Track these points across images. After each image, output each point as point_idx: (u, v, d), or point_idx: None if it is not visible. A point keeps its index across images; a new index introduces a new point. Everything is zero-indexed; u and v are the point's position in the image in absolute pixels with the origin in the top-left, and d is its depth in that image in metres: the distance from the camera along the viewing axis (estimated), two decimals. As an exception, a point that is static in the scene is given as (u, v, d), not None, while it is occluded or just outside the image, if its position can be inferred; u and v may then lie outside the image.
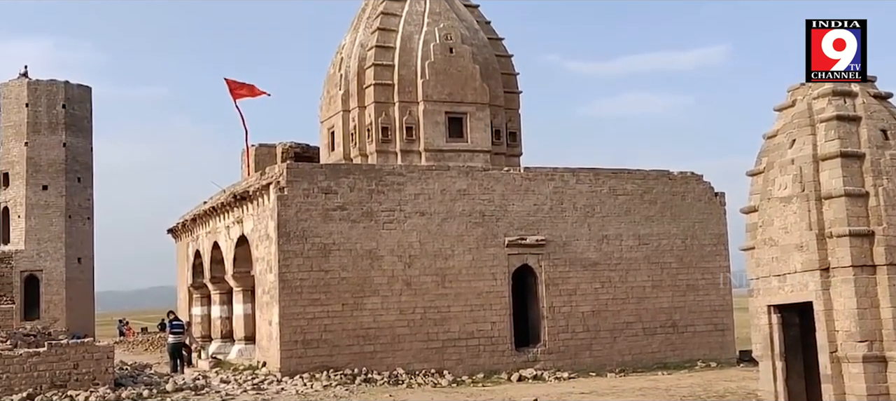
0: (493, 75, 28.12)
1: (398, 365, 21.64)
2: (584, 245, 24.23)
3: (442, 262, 22.72)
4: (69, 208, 50.26)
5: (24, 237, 49.09)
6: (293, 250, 21.47)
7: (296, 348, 21.16)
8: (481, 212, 23.28)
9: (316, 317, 21.44)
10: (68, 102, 50.94)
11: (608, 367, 23.45)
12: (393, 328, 22.02)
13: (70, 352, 17.75)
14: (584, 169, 24.84)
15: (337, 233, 21.86)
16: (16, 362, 17.18)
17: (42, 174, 49.74)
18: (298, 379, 20.20)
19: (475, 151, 27.18)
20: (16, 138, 49.78)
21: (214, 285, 27.81)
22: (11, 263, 48.68)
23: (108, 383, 17.66)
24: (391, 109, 26.92)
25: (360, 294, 21.88)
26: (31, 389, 16.82)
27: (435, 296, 22.51)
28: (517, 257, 23.53)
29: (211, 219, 27.44)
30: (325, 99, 29.26)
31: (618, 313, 24.39)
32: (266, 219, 22.31)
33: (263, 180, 22.54)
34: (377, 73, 26.97)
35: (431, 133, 26.78)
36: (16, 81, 50.73)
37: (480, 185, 23.40)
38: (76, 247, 50.57)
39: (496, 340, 23.00)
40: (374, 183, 22.39)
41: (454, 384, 20.84)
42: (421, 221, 22.65)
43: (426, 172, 23.19)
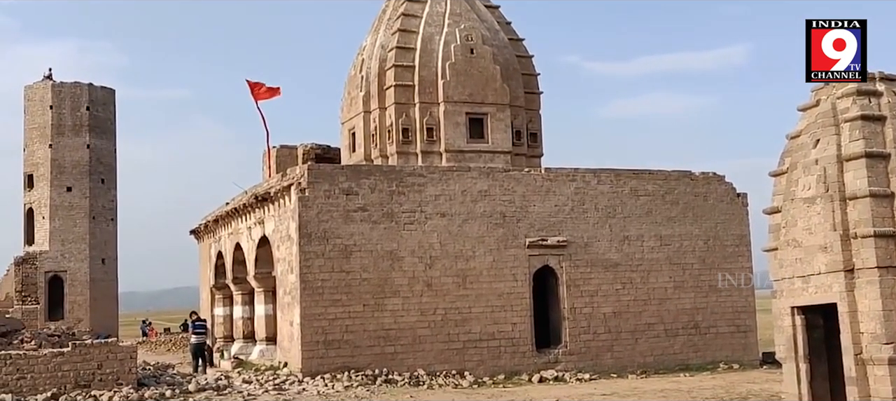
0: (514, 76, 28.09)
1: (419, 366, 21.65)
2: (605, 246, 24.15)
3: (463, 263, 22.71)
4: (93, 210, 50.67)
5: (48, 238, 49.53)
6: (314, 251, 21.54)
7: (317, 349, 21.22)
8: (502, 213, 23.25)
9: (337, 318, 21.49)
10: (92, 104, 51.36)
11: (629, 368, 23.35)
12: (414, 329, 22.04)
13: (94, 352, 17.90)
14: (605, 170, 24.75)
15: (358, 234, 21.91)
16: (40, 362, 17.34)
17: (66, 176, 50.16)
18: (319, 380, 20.26)
19: (496, 151, 27.16)
20: (40, 140, 50.24)
21: (236, 286, 27.95)
22: (36, 263, 49.18)
23: (131, 383, 17.78)
24: (412, 110, 26.95)
25: (381, 295, 21.91)
26: (55, 388, 16.96)
27: (456, 297, 22.51)
28: (538, 258, 23.48)
29: (233, 220, 27.59)
30: (346, 100, 29.33)
31: (639, 315, 24.28)
32: (287, 220, 22.39)
33: (285, 182, 22.62)
34: (398, 75, 27.01)
35: (452, 134, 26.78)
36: (40, 84, 51.21)
37: (501, 186, 23.37)
38: (100, 248, 50.97)
39: (517, 341, 22.96)
40: (395, 184, 22.41)
41: (475, 385, 20.82)
42: (442, 222, 22.65)
43: (447, 173, 23.20)
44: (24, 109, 51.14)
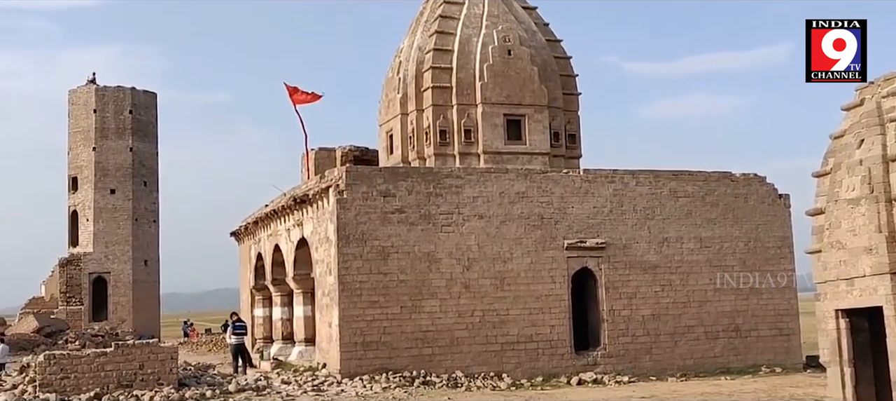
0: (552, 77, 27.98)
1: (457, 368, 21.62)
2: (644, 248, 23.94)
3: (500, 265, 22.65)
4: (136, 212, 51.42)
5: (92, 240, 50.36)
6: (352, 253, 21.61)
7: (355, 350, 21.29)
8: (540, 215, 23.15)
9: (375, 319, 21.55)
10: (134, 108, 52.11)
11: (669, 371, 23.11)
12: (451, 331, 22.02)
13: (136, 352, 18.11)
14: (643, 171, 24.53)
15: (395, 235, 21.94)
16: (83, 362, 17.59)
17: (109, 178, 50.96)
18: (358, 381, 20.32)
19: (534, 153, 27.07)
20: (84, 143, 51.09)
21: (275, 287, 28.15)
22: (80, 265, 50.03)
23: (172, 383, 17.97)
24: (449, 111, 26.96)
25: (419, 297, 21.92)
26: (98, 388, 17.19)
27: (493, 299, 22.45)
28: (576, 260, 23.34)
29: (272, 222, 27.79)
30: (384, 102, 29.42)
31: (679, 317, 24.03)
32: (325, 222, 22.50)
33: (323, 184, 22.74)
34: (435, 76, 27.03)
35: (490, 135, 26.74)
36: (84, 88, 52.07)
37: (539, 187, 23.27)
38: (142, 249, 51.70)
39: (555, 343, 22.84)
40: (433, 186, 22.42)
41: (513, 388, 20.75)
42: (479, 224, 22.62)
43: (484, 175, 23.15)
44: (69, 112, 52.05)
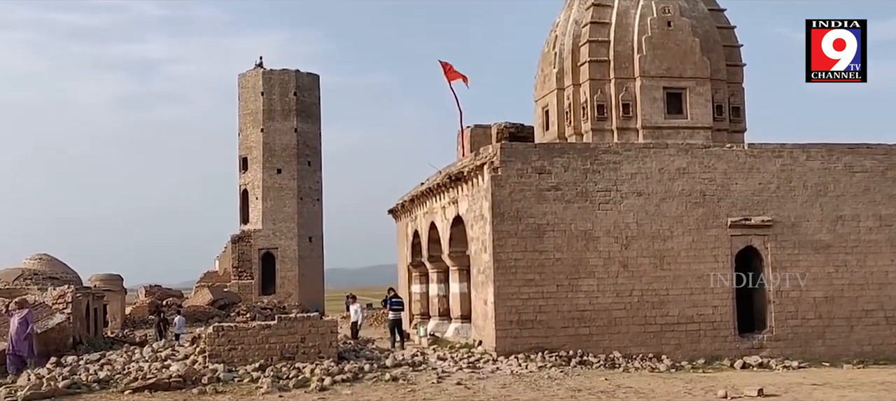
0: (714, 48, 26.82)
1: (614, 348, 21.16)
2: (815, 226, 22.60)
3: (660, 243, 21.95)
4: (300, 190, 53.40)
5: (261, 217, 52.72)
6: (507, 231, 21.49)
7: (511, 328, 21.20)
8: (702, 191, 22.26)
9: (530, 297, 21.37)
10: (299, 90, 54.02)
11: (844, 357, 21.74)
12: (609, 311, 21.57)
13: (298, 326, 18.67)
14: (815, 145, 23.10)
15: (551, 213, 21.65)
16: (249, 334, 18.29)
17: (276, 158, 53.12)
18: (513, 359, 20.23)
19: (695, 127, 26.08)
20: (253, 125, 53.43)
21: (432, 264, 28.46)
22: (250, 241, 52.52)
23: (332, 356, 18.42)
24: (607, 86, 26.35)
25: (575, 276, 21.56)
26: (262, 359, 17.84)
27: (653, 278, 21.80)
28: (741, 239, 22.31)
29: (428, 200, 28.08)
30: (540, 78, 29.09)
31: (855, 300, 22.56)
32: (480, 199, 22.47)
33: (477, 161, 22.70)
34: (592, 50, 26.46)
35: (649, 110, 25.96)
36: (252, 72, 54.40)
37: (701, 163, 22.36)
38: (307, 227, 53.68)
39: (718, 325, 21.96)
40: (589, 162, 21.95)
41: (672, 370, 20.08)
42: (638, 202, 21.99)
43: (643, 151, 22.45)
44: (238, 96, 54.54)
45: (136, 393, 15.95)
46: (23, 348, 18.88)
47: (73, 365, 18.34)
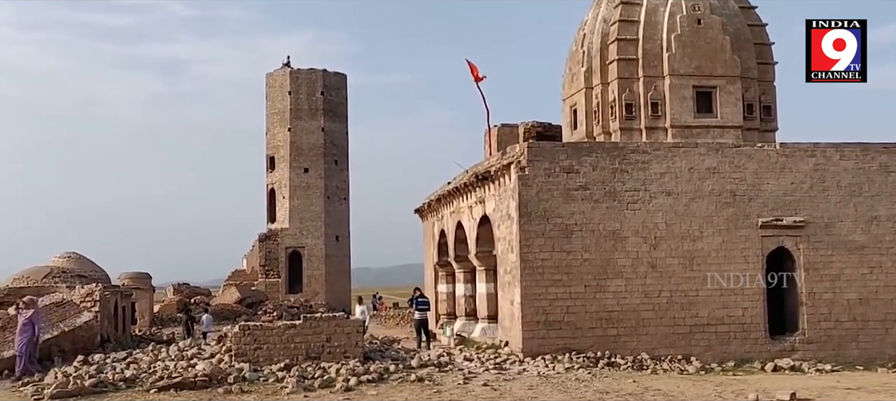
0: (745, 46, 26.46)
1: (643, 350, 20.90)
2: (849, 227, 22.18)
3: (689, 244, 21.65)
4: (327, 189, 53.50)
5: (288, 216, 52.89)
6: (534, 231, 21.29)
7: (538, 329, 21.00)
8: (732, 191, 21.93)
9: (558, 298, 21.16)
10: (326, 89, 54.13)
11: (879, 361, 21.33)
12: (637, 312, 21.30)
13: (323, 326, 18.58)
14: (849, 144, 22.67)
15: (579, 213, 21.43)
16: (275, 334, 18.24)
17: (303, 157, 53.26)
18: (540, 360, 20.03)
19: (725, 126, 25.76)
20: (280, 124, 53.62)
21: (458, 264, 28.30)
22: (277, 240, 52.70)
23: (357, 356, 18.32)
24: (635, 84, 26.09)
25: (603, 276, 21.32)
26: (288, 359, 17.77)
27: (682, 279, 21.51)
28: (772, 239, 21.95)
29: (454, 199, 27.92)
30: (568, 76, 28.86)
31: (890, 302, 22.12)
32: (507, 199, 22.28)
33: (504, 160, 22.51)
34: (621, 48, 26.20)
35: (678, 109, 25.65)
36: (279, 71, 54.58)
37: (731, 162, 22.03)
38: (334, 225, 53.77)
39: (748, 327, 21.63)
40: (618, 161, 21.70)
41: (702, 372, 19.78)
42: (667, 201, 21.70)
43: (672, 150, 22.16)
44: (266, 95, 54.75)
45: (161, 392, 15.95)
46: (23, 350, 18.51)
47: (100, 363, 18.39)
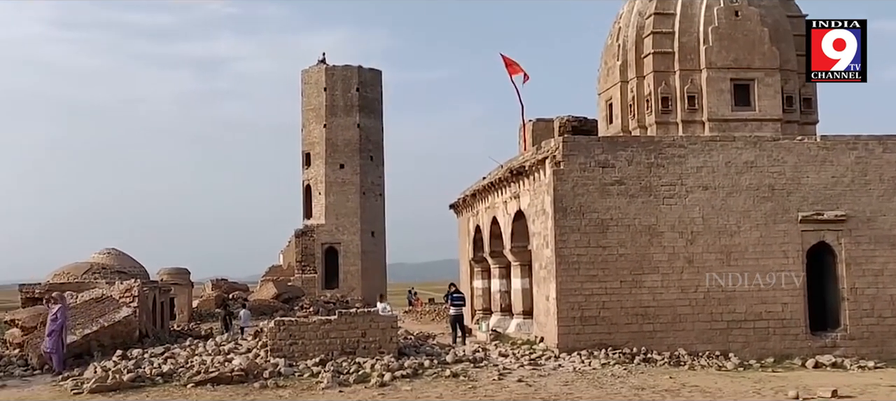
0: (784, 38, 26.00)
1: (679, 346, 20.70)
2: (892, 221, 21.77)
3: (727, 239, 21.39)
4: (363, 185, 53.64)
5: (324, 212, 53.11)
6: (570, 226, 21.16)
7: (573, 325, 20.88)
8: (771, 185, 21.62)
9: (593, 293, 21.02)
10: (361, 86, 54.24)
11: (922, 358, 20.93)
12: (674, 307, 21.09)
13: (358, 321, 18.63)
14: (892, 136, 22.22)
15: (614, 208, 21.26)
16: (310, 329, 18.32)
17: (339, 154, 53.44)
18: (576, 356, 19.90)
19: (764, 119, 25.35)
20: (316, 121, 53.83)
21: (494, 260, 28.22)
22: (314, 236, 52.96)
23: (392, 352, 18.35)
24: (671, 78, 25.78)
25: (639, 271, 21.14)
26: (323, 354, 17.84)
27: (719, 274, 21.25)
28: (813, 234, 21.61)
29: (489, 194, 27.85)
30: (603, 70, 28.61)
31: (934, 298, 21.67)
32: (542, 194, 22.17)
33: (539, 155, 22.40)
34: (656, 42, 25.91)
35: (715, 102, 25.31)
36: (315, 68, 54.79)
37: (770, 156, 21.71)
38: (369, 221, 53.90)
39: (788, 322, 21.31)
40: (654, 156, 21.48)
41: (740, 368, 19.53)
42: (704, 196, 21.45)
43: (709, 144, 21.88)
44: (302, 92, 54.99)
45: (198, 387, 16.08)
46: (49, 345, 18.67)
47: (138, 358, 18.59)
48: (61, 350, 18.67)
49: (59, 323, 18.65)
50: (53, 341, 18.54)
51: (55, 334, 18.56)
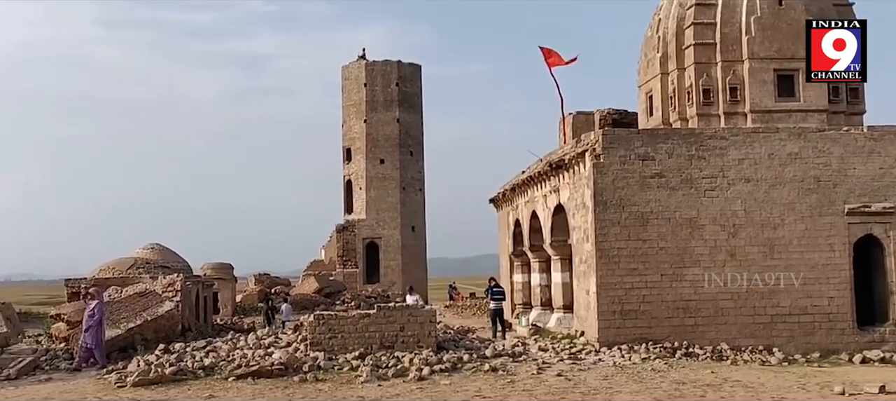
0: (830, 26, 25.49)
1: (722, 340, 20.42)
2: (942, 213, 21.24)
3: (770, 231, 21.05)
4: (403, 180, 53.76)
5: (364, 207, 53.34)
6: (610, 219, 20.98)
7: (613, 319, 20.71)
8: (816, 177, 21.23)
9: (633, 287, 20.82)
10: (401, 81, 54.33)
11: (974, 352, 20.40)
12: (715, 301, 20.81)
13: (397, 315, 18.66)
14: (942, 126, 21.70)
15: (655, 201, 21.03)
16: (349, 323, 18.39)
17: (379, 149, 53.61)
18: (616, 350, 19.73)
19: (808, 110, 24.92)
20: (356, 116, 54.05)
21: (533, 253, 28.10)
22: (355, 230, 53.22)
23: (431, 346, 18.35)
24: (713, 69, 25.45)
25: (680, 265, 20.89)
26: (362, 348, 17.90)
27: (762, 268, 20.92)
28: (859, 227, 21.18)
29: (529, 188, 27.72)
30: (643, 62, 28.33)
31: None
32: (582, 187, 22.01)
33: (579, 148, 22.23)
34: (697, 33, 25.59)
35: (758, 93, 24.93)
36: (355, 64, 54.99)
37: (814, 147, 21.31)
38: (410, 216, 54.02)
39: (834, 317, 20.92)
40: (695, 148, 21.20)
41: (784, 363, 19.20)
42: (746, 188, 21.13)
43: (751, 135, 21.53)
44: (342, 87, 55.24)
45: (238, 380, 16.22)
46: (88, 340, 18.92)
47: (180, 352, 18.82)
48: (102, 344, 18.96)
49: (97, 318, 18.93)
50: (93, 335, 18.84)
51: (94, 328, 18.85)
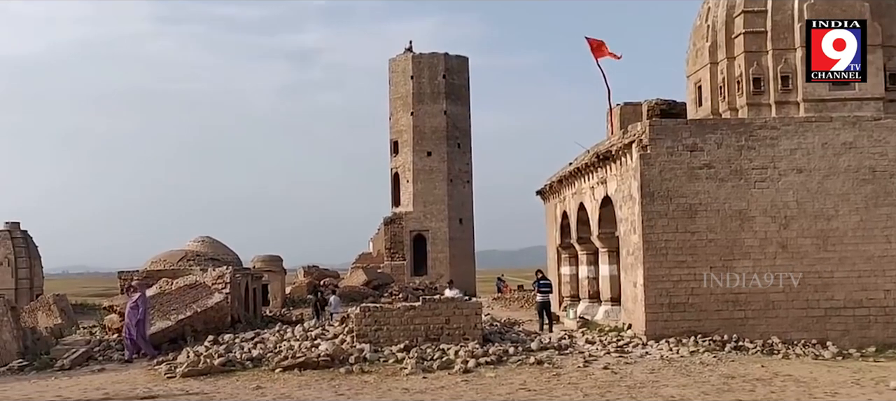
0: (888, 12, 24.77)
1: (772, 333, 20.08)
2: None
3: (823, 223, 20.62)
4: (450, 172, 53.81)
5: (412, 200, 53.52)
6: (657, 211, 20.74)
7: (661, 312, 20.48)
8: (871, 167, 20.73)
9: (682, 280, 20.56)
10: (448, 73, 54.35)
11: None
12: (766, 294, 20.46)
13: (442, 308, 18.67)
14: None
15: (703, 192, 20.73)
16: (395, 315, 18.45)
17: (426, 141, 53.71)
18: (664, 343, 19.52)
19: (864, 99, 24.21)
20: (403, 109, 54.21)
21: (581, 246, 27.90)
22: (402, 223, 53.43)
23: (476, 338, 18.33)
24: (764, 58, 24.87)
25: (729, 257, 20.58)
26: (407, 340, 17.94)
27: (815, 260, 20.51)
28: (917, 217, 20.63)
29: (576, 180, 27.52)
30: (692, 52, 27.87)
31: None
32: (629, 179, 21.78)
33: (626, 139, 22.00)
34: (748, 21, 25.04)
35: (811, 82, 24.32)
36: (402, 56, 55.14)
37: (870, 137, 20.82)
38: (457, 208, 54.07)
39: (891, 310, 20.43)
40: (744, 138, 20.85)
41: (838, 358, 18.82)
42: (798, 179, 20.72)
43: (803, 125, 21.11)
44: (389, 80, 55.43)
45: (286, 371, 16.38)
46: (132, 332, 19.25)
47: (229, 343, 19.04)
48: (147, 336, 19.33)
49: (141, 311, 19.29)
50: (138, 328, 19.19)
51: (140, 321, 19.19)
